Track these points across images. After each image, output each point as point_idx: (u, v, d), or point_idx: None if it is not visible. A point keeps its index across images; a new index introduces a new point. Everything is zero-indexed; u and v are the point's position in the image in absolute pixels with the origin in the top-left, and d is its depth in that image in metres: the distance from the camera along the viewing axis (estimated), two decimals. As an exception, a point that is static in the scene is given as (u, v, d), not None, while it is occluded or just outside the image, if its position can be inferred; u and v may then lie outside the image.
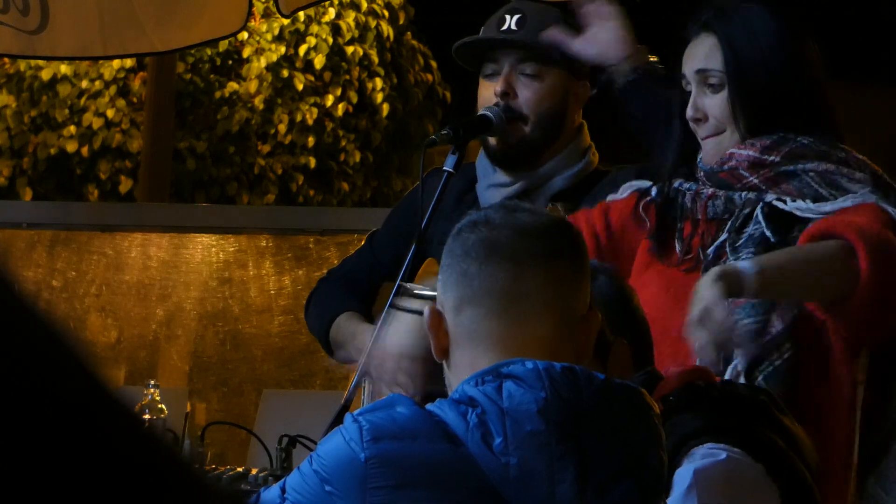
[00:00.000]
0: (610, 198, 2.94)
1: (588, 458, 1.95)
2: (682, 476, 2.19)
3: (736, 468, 2.20)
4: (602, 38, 3.05)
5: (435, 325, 2.08)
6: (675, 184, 2.80)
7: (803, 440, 2.32)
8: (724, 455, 2.20)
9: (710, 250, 2.71)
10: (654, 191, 2.83)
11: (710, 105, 2.74)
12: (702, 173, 2.77)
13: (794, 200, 2.67)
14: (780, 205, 2.67)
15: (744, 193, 2.71)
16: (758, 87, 2.72)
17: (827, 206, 2.65)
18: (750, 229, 2.68)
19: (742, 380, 2.60)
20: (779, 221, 2.66)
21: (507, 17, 3.31)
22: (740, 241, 2.68)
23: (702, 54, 2.76)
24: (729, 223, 2.70)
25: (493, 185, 3.32)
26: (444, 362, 2.10)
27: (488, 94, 3.28)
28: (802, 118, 2.71)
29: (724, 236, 2.70)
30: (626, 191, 2.91)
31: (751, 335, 2.60)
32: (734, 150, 2.72)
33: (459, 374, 2.04)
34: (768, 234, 2.65)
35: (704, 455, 2.20)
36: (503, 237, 2.08)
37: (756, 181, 2.70)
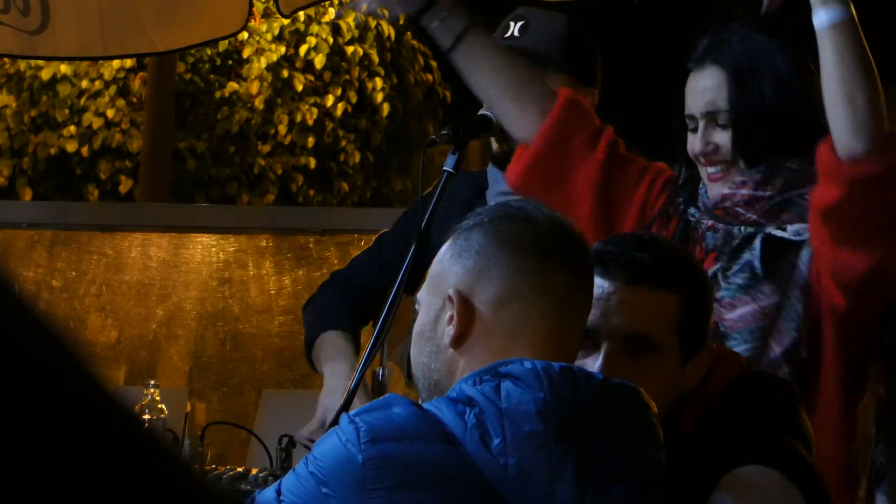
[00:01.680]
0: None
1: (587, 458, 1.94)
2: (724, 501, 2.16)
3: (778, 495, 2.18)
4: None
5: (462, 311, 2.08)
6: (689, 209, 2.78)
7: (811, 434, 2.32)
8: (765, 480, 2.16)
9: None
10: (683, 205, 2.79)
11: (720, 138, 2.71)
12: (702, 206, 2.76)
13: (791, 226, 2.65)
14: (779, 233, 2.66)
15: (742, 228, 2.69)
16: (761, 125, 2.69)
17: None
18: (745, 256, 2.66)
19: None
20: (773, 252, 2.64)
21: (511, 24, 3.32)
22: (733, 269, 2.66)
23: (710, 92, 2.72)
24: (721, 254, 2.68)
25: (502, 193, 3.32)
26: (449, 350, 2.09)
27: None
28: (799, 145, 2.68)
29: (717, 265, 2.68)
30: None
31: (748, 361, 2.58)
32: (726, 192, 2.70)
33: (479, 363, 2.03)
34: (756, 265, 2.63)
35: (748, 480, 2.16)
36: (556, 238, 2.10)
37: (754, 216, 2.68)
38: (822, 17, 2.49)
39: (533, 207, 2.15)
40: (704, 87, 2.73)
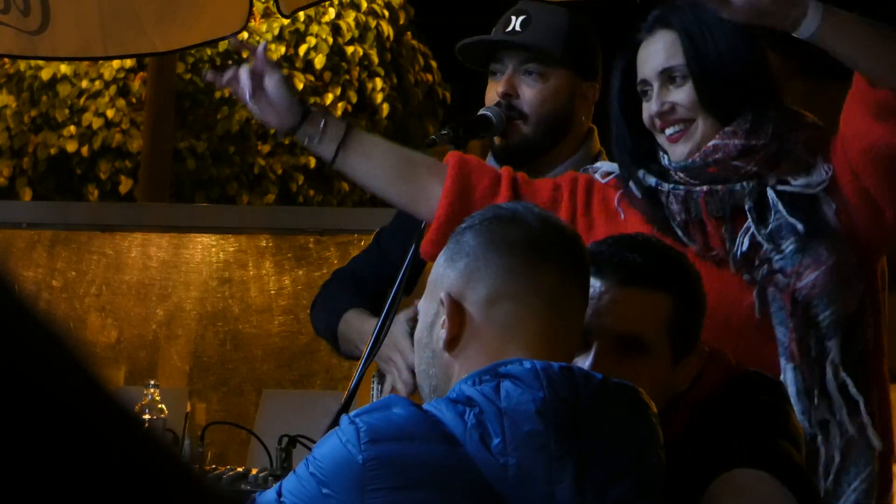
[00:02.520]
0: (593, 172, 2.87)
1: (587, 457, 1.94)
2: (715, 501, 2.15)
3: (771, 497, 2.17)
4: None
5: (453, 314, 2.08)
6: (650, 182, 2.74)
7: (800, 434, 2.32)
8: (757, 483, 2.16)
9: (741, 242, 2.65)
10: (633, 186, 2.76)
11: (676, 97, 2.69)
12: (679, 173, 2.71)
13: (795, 179, 2.65)
14: (787, 188, 2.65)
15: (743, 183, 2.67)
16: (721, 76, 2.68)
17: (822, 175, 2.65)
18: (774, 219, 2.64)
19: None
20: (798, 207, 2.64)
21: (513, 18, 3.32)
22: (770, 230, 2.64)
23: (662, 53, 2.71)
24: (748, 216, 2.66)
25: None
26: (445, 355, 2.09)
27: (493, 94, 3.29)
28: (763, 94, 2.68)
29: (749, 226, 2.65)
30: (606, 176, 2.84)
31: (862, 494, 2.60)
32: (716, 143, 2.67)
33: (474, 364, 2.03)
34: (796, 225, 2.62)
35: (740, 483, 2.15)
36: (548, 237, 2.10)
37: (755, 168, 2.66)
38: (804, 30, 2.52)
39: (523, 208, 2.15)
40: (656, 50, 2.72)
